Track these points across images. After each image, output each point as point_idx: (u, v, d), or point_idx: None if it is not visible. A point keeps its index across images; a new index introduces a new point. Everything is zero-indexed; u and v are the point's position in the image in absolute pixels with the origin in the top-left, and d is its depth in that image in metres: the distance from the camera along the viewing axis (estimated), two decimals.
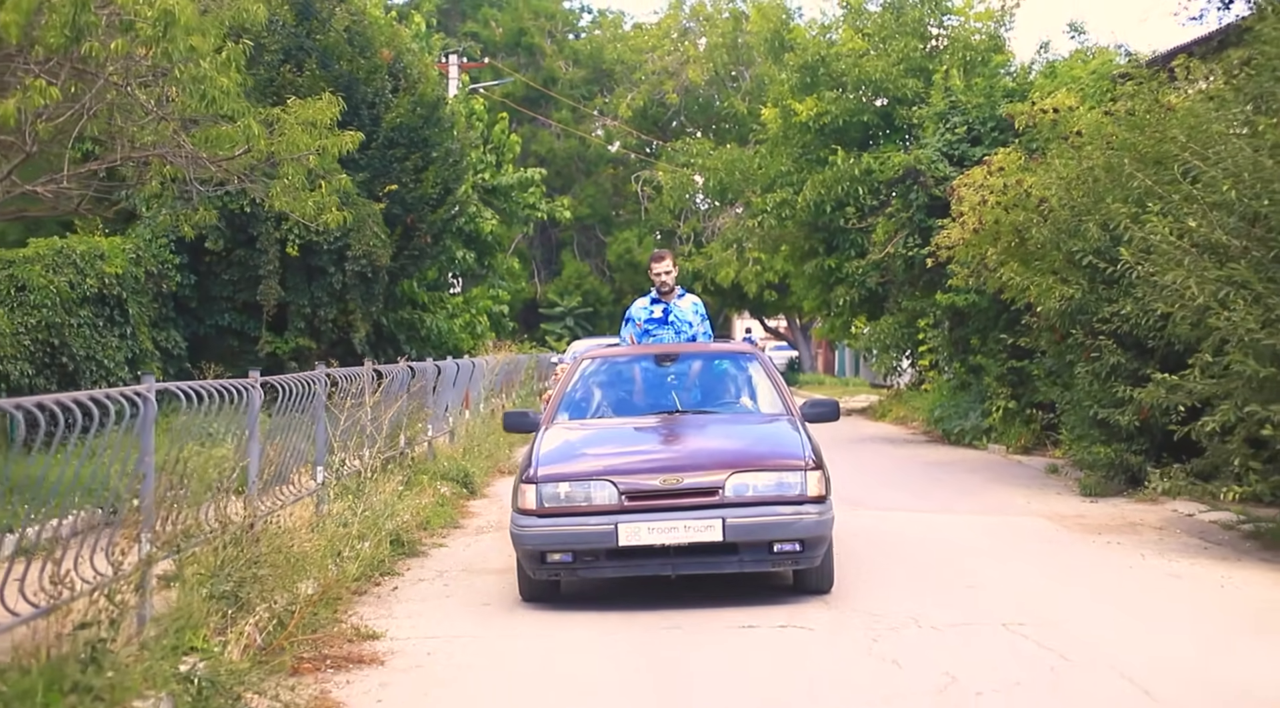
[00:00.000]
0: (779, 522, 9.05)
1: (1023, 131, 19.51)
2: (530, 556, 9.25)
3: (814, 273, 31.25)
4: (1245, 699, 6.79)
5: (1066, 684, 7.10)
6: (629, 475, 9.27)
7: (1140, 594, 9.70)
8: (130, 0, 9.67)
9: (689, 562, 9.18)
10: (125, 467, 6.89)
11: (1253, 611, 9.11)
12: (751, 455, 9.51)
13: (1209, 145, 12.07)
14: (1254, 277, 10.97)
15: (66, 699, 5.57)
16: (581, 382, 11.34)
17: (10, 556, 5.86)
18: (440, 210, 25.73)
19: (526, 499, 9.27)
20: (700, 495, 9.13)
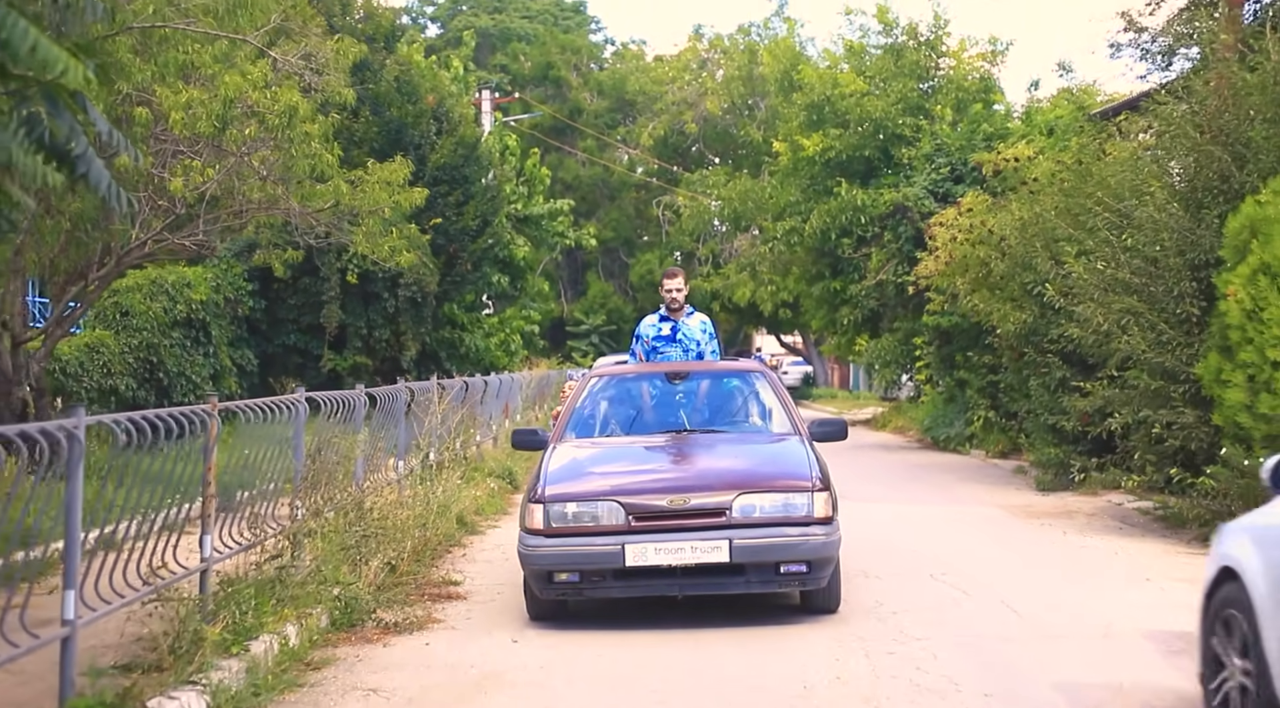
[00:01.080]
0: (786, 543, 9.12)
1: (989, 177, 22.30)
2: (537, 575, 9.31)
3: (821, 294, 34.14)
4: (1085, 616, 9.51)
5: (961, 607, 9.87)
6: (636, 496, 9.31)
7: (1045, 558, 12.44)
8: (261, 97, 12.52)
9: (696, 583, 9.26)
10: (284, 454, 9.73)
11: (1130, 569, 11.81)
12: (759, 476, 9.57)
13: (1122, 199, 14.84)
14: (1147, 309, 13.73)
15: (268, 602, 8.35)
16: (589, 399, 11.33)
17: (228, 512, 8.65)
18: (479, 241, 28.59)
19: (534, 519, 9.31)
20: (707, 516, 9.18)
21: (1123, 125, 18.54)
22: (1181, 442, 13.49)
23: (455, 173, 28.04)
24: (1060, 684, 7.61)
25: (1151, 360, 13.62)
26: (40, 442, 5.86)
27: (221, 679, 7.03)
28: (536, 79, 57.65)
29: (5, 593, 5.74)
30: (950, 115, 30.75)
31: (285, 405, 9.48)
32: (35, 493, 6.12)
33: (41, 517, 6.26)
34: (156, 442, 7.17)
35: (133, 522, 7.21)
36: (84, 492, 6.34)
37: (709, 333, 12.15)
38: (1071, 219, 16.00)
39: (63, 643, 6.19)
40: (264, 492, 9.33)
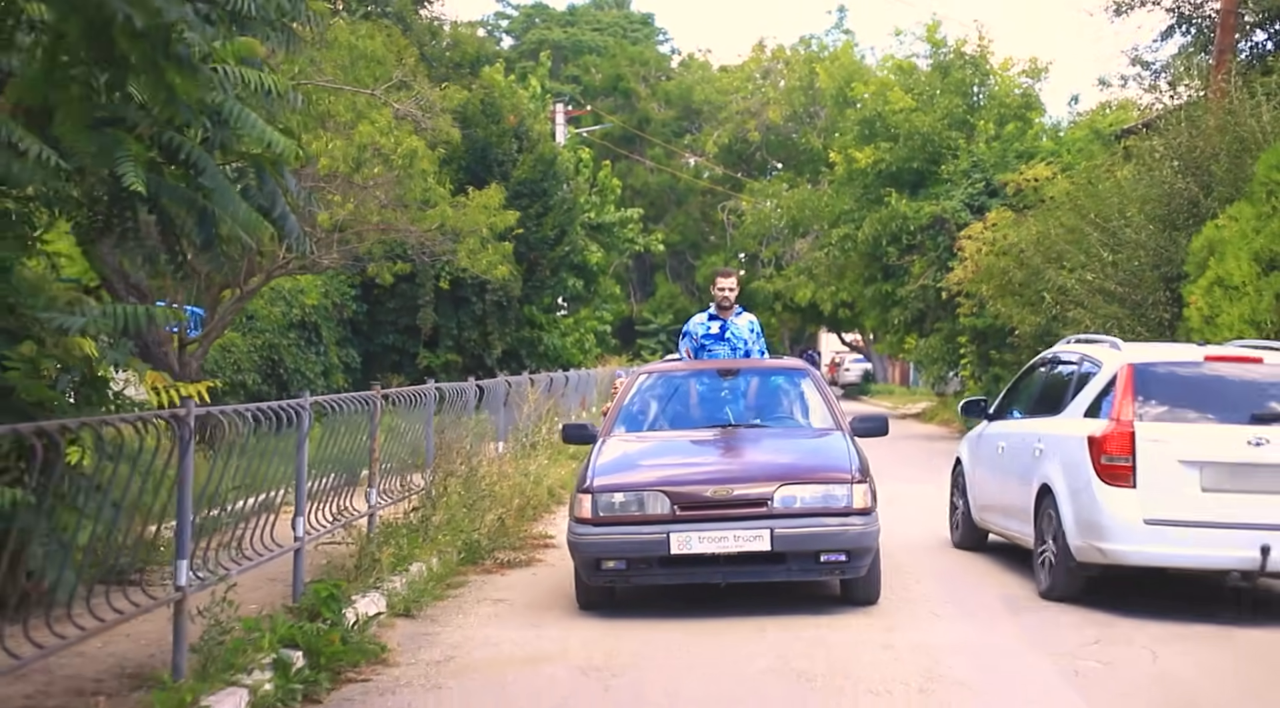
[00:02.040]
0: (825, 533, 9.37)
1: (1013, 195, 24.84)
2: (586, 562, 9.62)
3: (873, 296, 36.69)
4: None
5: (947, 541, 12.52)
6: (681, 486, 9.59)
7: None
8: (387, 142, 15.37)
9: (738, 570, 9.54)
10: (418, 435, 12.54)
11: None
12: (800, 468, 9.84)
13: (1110, 220, 17.41)
14: (1127, 314, 16.31)
15: (417, 541, 11.11)
16: (638, 395, 11.65)
17: (376, 479, 11.43)
18: (557, 248, 31.42)
19: (583, 508, 9.62)
20: (749, 506, 9.44)
21: (1131, 148, 21.04)
22: None
23: (535, 187, 30.87)
24: (1013, 602, 10.28)
25: None
26: (283, 414, 8.63)
27: (393, 588, 9.80)
28: (607, 90, 60.44)
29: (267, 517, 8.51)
30: (993, 130, 33.22)
31: (423, 394, 12.29)
32: (277, 449, 8.88)
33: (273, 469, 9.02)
34: (341, 418, 9.98)
35: (328, 477, 9.99)
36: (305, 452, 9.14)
37: (756, 332, 12.50)
38: (1072, 235, 18.57)
39: (295, 554, 8.99)
40: (407, 461, 12.13)
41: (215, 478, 7.72)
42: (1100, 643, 8.69)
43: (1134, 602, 9.97)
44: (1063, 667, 7.99)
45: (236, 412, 7.85)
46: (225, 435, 7.79)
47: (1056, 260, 19.41)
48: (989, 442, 12.38)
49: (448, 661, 8.26)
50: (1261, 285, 14.54)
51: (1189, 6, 23.03)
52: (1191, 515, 9.49)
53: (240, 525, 8.12)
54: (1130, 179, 17.92)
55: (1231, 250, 15.01)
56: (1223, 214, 15.61)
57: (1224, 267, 15.03)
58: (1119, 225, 17.04)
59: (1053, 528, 10.26)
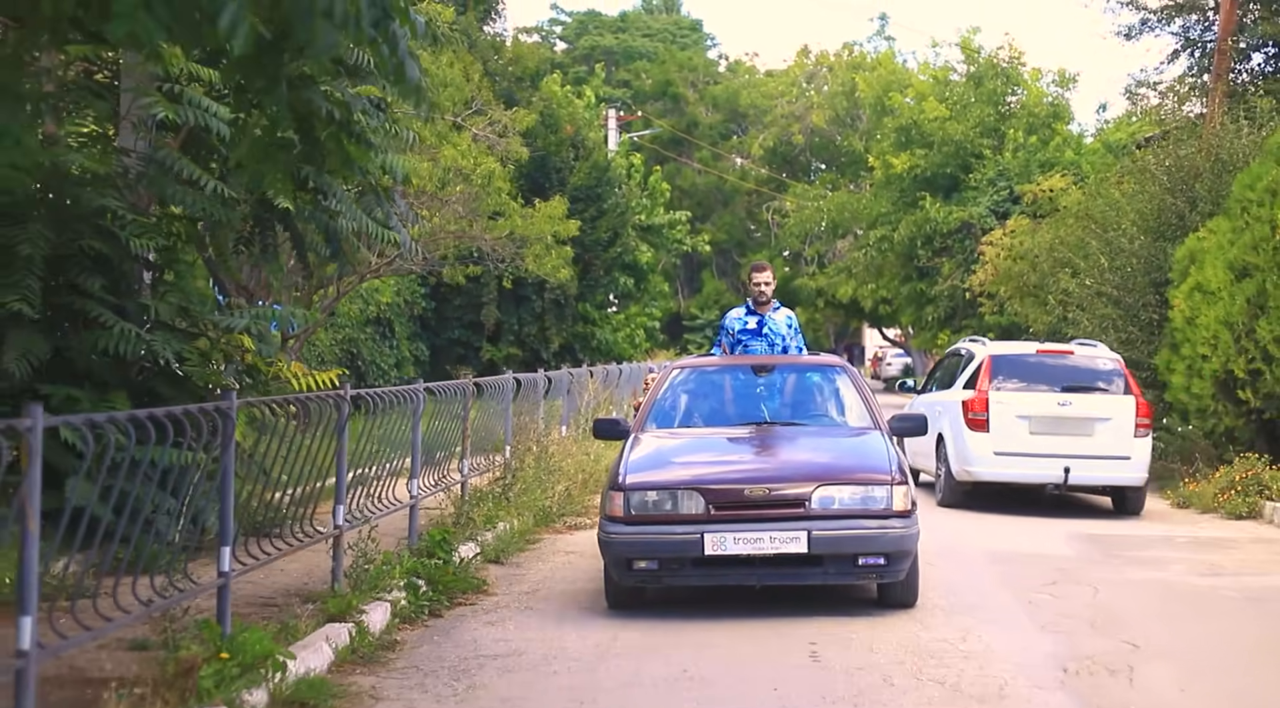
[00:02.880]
0: (864, 535, 9.12)
1: (1030, 204, 26.88)
2: (617, 562, 9.38)
3: (909, 294, 38.78)
4: (1079, 531, 14.19)
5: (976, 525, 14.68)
6: (716, 485, 9.35)
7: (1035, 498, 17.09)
8: (468, 164, 17.61)
9: (773, 573, 9.28)
10: (496, 417, 14.78)
11: (1095, 501, 16.45)
12: (838, 469, 9.55)
13: (1108, 229, 19.46)
14: (1120, 315, 18.36)
15: (500, 505, 13.32)
16: (671, 391, 11.38)
17: (467, 453, 13.66)
18: (611, 250, 33.64)
19: (615, 506, 9.38)
20: (786, 507, 9.18)
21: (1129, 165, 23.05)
22: None
23: (590, 192, 33.09)
24: (994, 554, 12.40)
25: (1122, 354, 18.24)
26: (406, 397, 10.84)
27: (484, 540, 12.02)
28: (656, 94, 62.61)
29: (391, 480, 10.73)
30: (1022, 138, 35.21)
31: (504, 383, 14.52)
32: (396, 427, 11.10)
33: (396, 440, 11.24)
34: (443, 402, 12.22)
35: (433, 450, 12.22)
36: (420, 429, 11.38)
37: (794, 328, 12.32)
38: (1076, 244, 20.63)
39: (411, 509, 11.22)
40: (490, 439, 14.36)
41: (361, 445, 9.98)
42: (1056, 584, 10.80)
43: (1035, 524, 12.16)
44: (1022, 599, 10.11)
45: (377, 393, 10.09)
46: (368, 411, 10.04)
47: (1064, 266, 21.45)
48: (915, 408, 16.98)
49: (534, 592, 10.46)
50: (1234, 291, 16.55)
51: (1195, 31, 25.00)
52: (1024, 449, 15.24)
53: (374, 484, 10.35)
54: (1127, 194, 19.97)
55: (1210, 259, 17.04)
56: (1203, 227, 17.63)
57: (1203, 274, 17.06)
58: (1115, 235, 19.10)
59: (943, 461, 16.00)
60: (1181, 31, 24.97)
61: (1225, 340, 16.45)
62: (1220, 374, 16.54)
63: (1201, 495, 15.79)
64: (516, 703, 7.18)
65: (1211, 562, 12.13)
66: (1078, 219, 21.76)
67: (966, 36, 39.58)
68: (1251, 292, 16.34)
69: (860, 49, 58.77)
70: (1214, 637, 8.86)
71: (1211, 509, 15.51)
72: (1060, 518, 15.11)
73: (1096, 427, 15.30)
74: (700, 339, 60.57)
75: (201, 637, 6.94)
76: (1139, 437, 15.36)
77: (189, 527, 7.75)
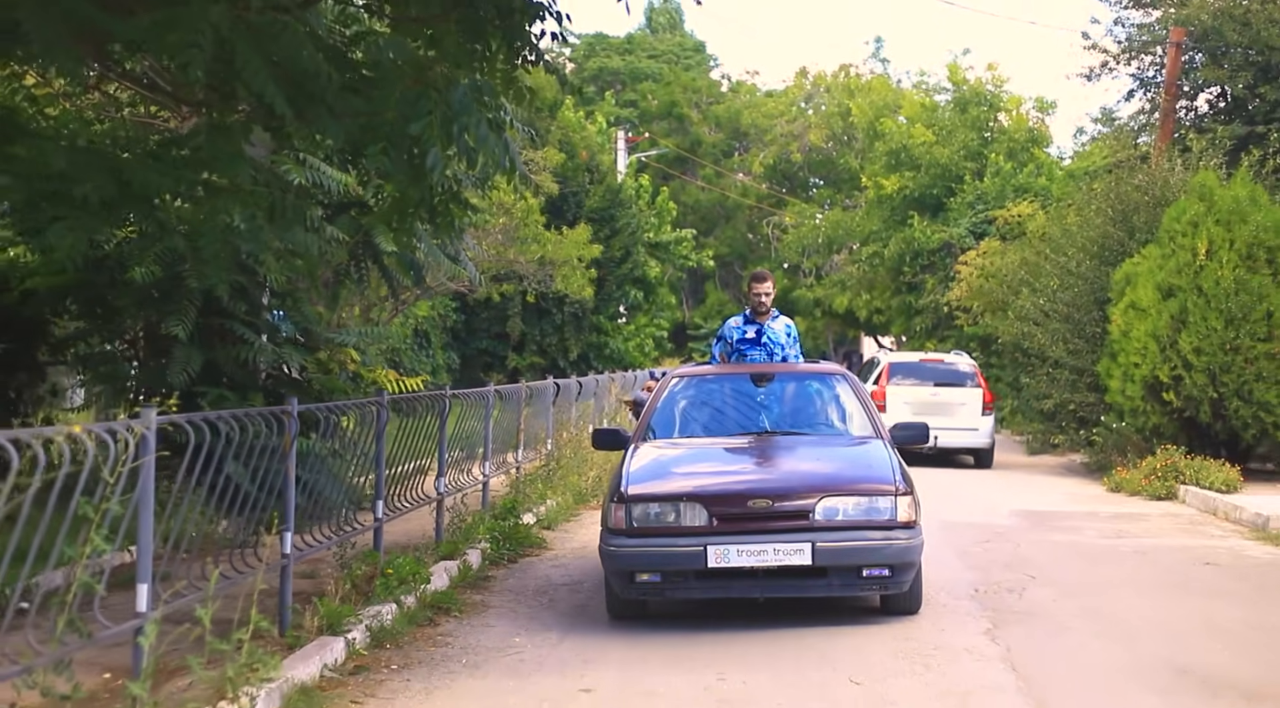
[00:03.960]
0: (869, 547, 9.08)
1: (1001, 227, 29.93)
2: (619, 575, 9.32)
3: (898, 306, 41.78)
4: (1021, 508, 17.18)
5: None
6: (719, 497, 9.29)
7: (994, 484, 20.10)
8: (509, 198, 20.65)
9: (777, 585, 9.22)
10: (545, 416, 17.83)
11: (1044, 487, 19.49)
12: (842, 479, 9.47)
13: (1060, 253, 22.50)
14: (1068, 329, 21.41)
15: (547, 486, 16.34)
16: (671, 400, 11.30)
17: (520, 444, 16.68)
18: (623, 266, 36.70)
19: (617, 518, 9.32)
20: (790, 518, 9.12)
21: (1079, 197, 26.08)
22: (1084, 414, 21.17)
23: (604, 214, 36.17)
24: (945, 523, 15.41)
25: (1069, 364, 21.32)
26: (486, 397, 13.86)
27: (539, 512, 15.04)
28: (662, 114, 65.67)
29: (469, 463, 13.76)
30: (1003, 162, 38.26)
31: (546, 388, 17.56)
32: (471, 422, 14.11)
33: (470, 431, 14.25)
34: (503, 401, 15.27)
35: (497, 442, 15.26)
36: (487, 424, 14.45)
37: (793, 336, 12.19)
38: (1034, 265, 23.68)
39: (484, 484, 14.26)
40: (535, 435, 17.40)
41: (456, 433, 13.05)
42: (989, 542, 13.81)
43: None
44: (958, 551, 13.10)
45: (464, 394, 13.17)
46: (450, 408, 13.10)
47: (1024, 285, 24.50)
48: None
49: (584, 547, 13.47)
50: (1161, 308, 19.54)
51: (1149, 72, 28.05)
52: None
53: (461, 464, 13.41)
54: (1077, 223, 23.03)
55: (1142, 281, 20.05)
56: (1138, 253, 20.65)
57: (1136, 294, 20.06)
58: (1066, 260, 22.16)
59: None
60: (1138, 72, 28.03)
61: (1153, 351, 19.43)
62: (1149, 379, 19.53)
63: (1130, 481, 18.77)
64: (586, 608, 10.24)
65: (1121, 529, 15.13)
66: (1038, 243, 24.82)
67: (953, 64, 42.70)
68: (1175, 310, 19.33)
69: (855, 72, 61.84)
70: (1095, 574, 11.89)
71: (1137, 492, 18.48)
72: (1007, 497, 18.10)
73: (956, 408, 22.76)
74: (704, 347, 63.47)
75: (368, 561, 10.00)
76: (984, 415, 23.03)
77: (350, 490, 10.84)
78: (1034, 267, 23.89)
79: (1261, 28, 25.29)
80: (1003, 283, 26.18)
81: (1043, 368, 22.65)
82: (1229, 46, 25.97)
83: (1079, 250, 22.03)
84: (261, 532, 8.28)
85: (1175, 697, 7.51)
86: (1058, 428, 22.57)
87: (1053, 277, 22.60)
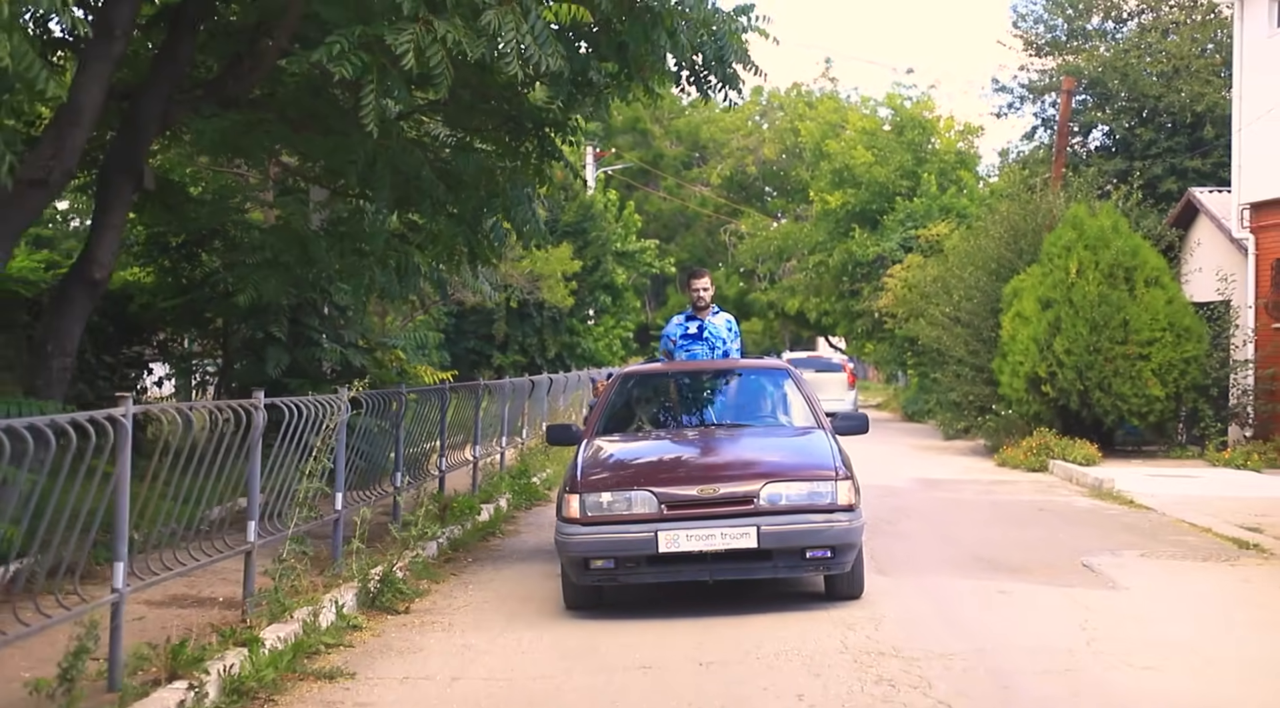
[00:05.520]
0: (811, 529, 9.41)
1: (923, 245, 34.48)
2: (574, 562, 9.61)
3: (841, 310, 46.29)
4: (920, 476, 21.63)
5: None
6: (668, 485, 9.61)
7: (905, 459, 24.52)
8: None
9: (725, 568, 9.54)
10: (542, 404, 22.19)
11: (946, 462, 23.95)
12: (784, 466, 9.89)
13: (963, 269, 27.05)
14: (969, 334, 25.96)
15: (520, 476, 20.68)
16: (621, 396, 11.71)
17: (523, 428, 21.01)
18: (594, 275, 41.04)
19: (571, 508, 9.63)
20: (736, 504, 9.46)
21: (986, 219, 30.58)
22: (981, 403, 25.71)
23: (578, 227, 40.49)
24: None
25: (970, 362, 25.84)
26: (505, 387, 18.16)
27: (541, 476, 19.31)
28: (626, 129, 70.05)
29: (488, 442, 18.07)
30: (934, 182, 42.79)
31: (543, 381, 21.90)
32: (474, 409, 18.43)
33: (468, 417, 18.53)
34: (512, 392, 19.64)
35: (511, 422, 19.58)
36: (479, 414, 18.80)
37: (734, 331, 12.76)
38: (943, 279, 28.21)
39: (501, 454, 18.58)
40: (534, 418, 21.75)
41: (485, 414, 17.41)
42: (884, 498, 18.19)
43: None
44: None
45: (496, 384, 17.52)
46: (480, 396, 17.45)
47: (937, 296, 29.02)
48: None
49: None
50: (1040, 317, 24.01)
51: (1047, 112, 32.63)
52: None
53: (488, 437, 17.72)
54: (976, 246, 27.57)
55: (1026, 295, 24.53)
56: (1024, 271, 25.16)
57: (1021, 305, 24.55)
58: (968, 275, 26.69)
59: None
60: (1039, 112, 32.59)
61: (1034, 352, 23.89)
62: (1031, 375, 23.98)
63: (1014, 457, 23.22)
64: None
65: (991, 490, 19.57)
66: (949, 260, 29.35)
67: (891, 94, 47.28)
68: (1051, 318, 23.79)
69: (806, 88, 66.41)
70: (954, 515, 16.33)
71: (1018, 466, 22.90)
72: (912, 469, 22.50)
73: (829, 385, 32.18)
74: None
75: (437, 500, 14.35)
76: (849, 390, 34.46)
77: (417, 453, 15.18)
78: (944, 281, 28.41)
79: (1138, 78, 29.90)
80: (920, 294, 30.68)
81: (950, 366, 27.17)
82: (1112, 94, 30.56)
83: (978, 268, 26.56)
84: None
85: (967, 571, 11.90)
86: (961, 416, 27.11)
87: (958, 289, 27.10)
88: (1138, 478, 19.63)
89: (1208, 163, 28.88)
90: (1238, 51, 24.86)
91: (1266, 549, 13.10)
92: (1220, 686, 7.74)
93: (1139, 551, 13.14)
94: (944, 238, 32.99)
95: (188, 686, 6.91)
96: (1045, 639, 8.89)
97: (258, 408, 8.99)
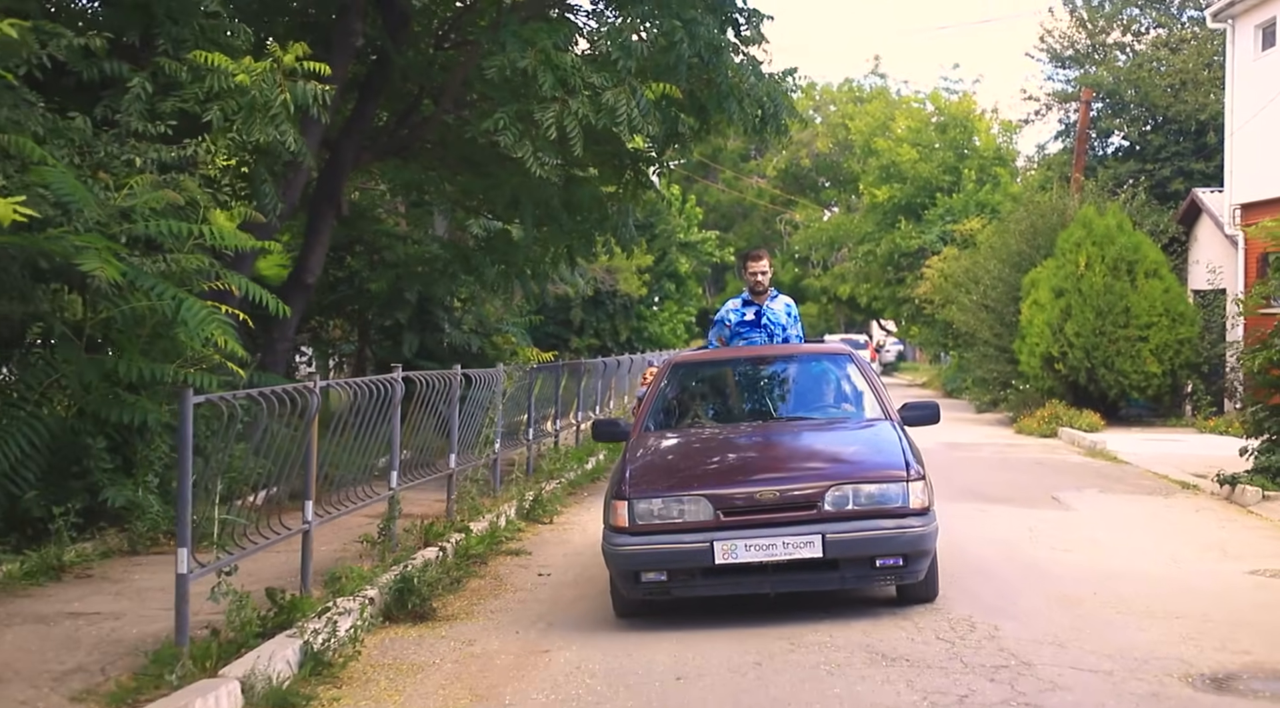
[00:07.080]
0: (881, 536, 8.73)
1: (958, 239, 38.20)
2: (624, 575, 9.00)
3: (889, 296, 50.05)
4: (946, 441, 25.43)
5: None
6: (724, 490, 8.92)
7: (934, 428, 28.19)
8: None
9: (788, 579, 8.89)
10: (615, 383, 26.16)
11: (971, 431, 27.74)
12: (851, 466, 9.19)
13: (988, 261, 30.83)
14: (993, 319, 29.77)
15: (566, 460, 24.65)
16: (671, 387, 10.80)
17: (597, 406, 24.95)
18: (661, 265, 44.98)
19: (619, 516, 8.98)
20: (798, 510, 8.78)
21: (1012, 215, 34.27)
22: (1004, 379, 29.50)
23: (647, 222, 44.38)
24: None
25: (994, 343, 29.66)
26: (592, 366, 22.10)
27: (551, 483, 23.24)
28: None
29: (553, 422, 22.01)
30: (974, 176, 46.38)
31: (613, 362, 25.84)
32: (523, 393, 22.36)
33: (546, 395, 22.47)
34: (590, 371, 23.62)
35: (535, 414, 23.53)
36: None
37: (794, 316, 11.83)
38: (972, 271, 31.99)
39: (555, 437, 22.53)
40: (606, 397, 25.70)
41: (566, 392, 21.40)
42: None
43: None
44: None
45: (587, 364, 21.49)
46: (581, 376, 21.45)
47: (968, 285, 32.77)
48: None
49: None
50: (1054, 305, 27.71)
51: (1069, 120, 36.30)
52: None
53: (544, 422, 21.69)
54: (999, 242, 31.32)
55: (1041, 285, 28.25)
56: (1041, 264, 28.89)
57: (1037, 293, 28.28)
58: (993, 267, 30.45)
59: None
60: (1063, 119, 36.31)
61: (1047, 334, 27.60)
62: (1045, 354, 27.69)
63: (1029, 426, 26.97)
64: None
65: (1004, 450, 23.36)
66: (978, 253, 33.10)
67: (935, 93, 50.96)
68: (1063, 305, 27.49)
69: (857, 84, 70.02)
70: (964, 466, 20.14)
71: (1033, 433, 26.63)
72: (940, 436, 26.16)
73: None
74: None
75: (558, 452, 18.29)
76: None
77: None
78: (973, 271, 32.17)
79: (1150, 90, 33.59)
80: (954, 283, 34.44)
81: (978, 347, 30.96)
82: (1127, 103, 34.24)
83: (1001, 261, 30.31)
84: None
85: (960, 500, 15.72)
86: (988, 390, 30.89)
87: (985, 280, 30.86)
88: (1129, 441, 23.38)
89: (1211, 166, 32.33)
90: (1229, 71, 28.43)
91: (1202, 489, 16.86)
92: (1109, 561, 11.59)
93: (1099, 489, 17.00)
94: (976, 233, 36.75)
95: (438, 550, 11.00)
96: (1001, 535, 12.82)
97: (397, 382, 10.94)
